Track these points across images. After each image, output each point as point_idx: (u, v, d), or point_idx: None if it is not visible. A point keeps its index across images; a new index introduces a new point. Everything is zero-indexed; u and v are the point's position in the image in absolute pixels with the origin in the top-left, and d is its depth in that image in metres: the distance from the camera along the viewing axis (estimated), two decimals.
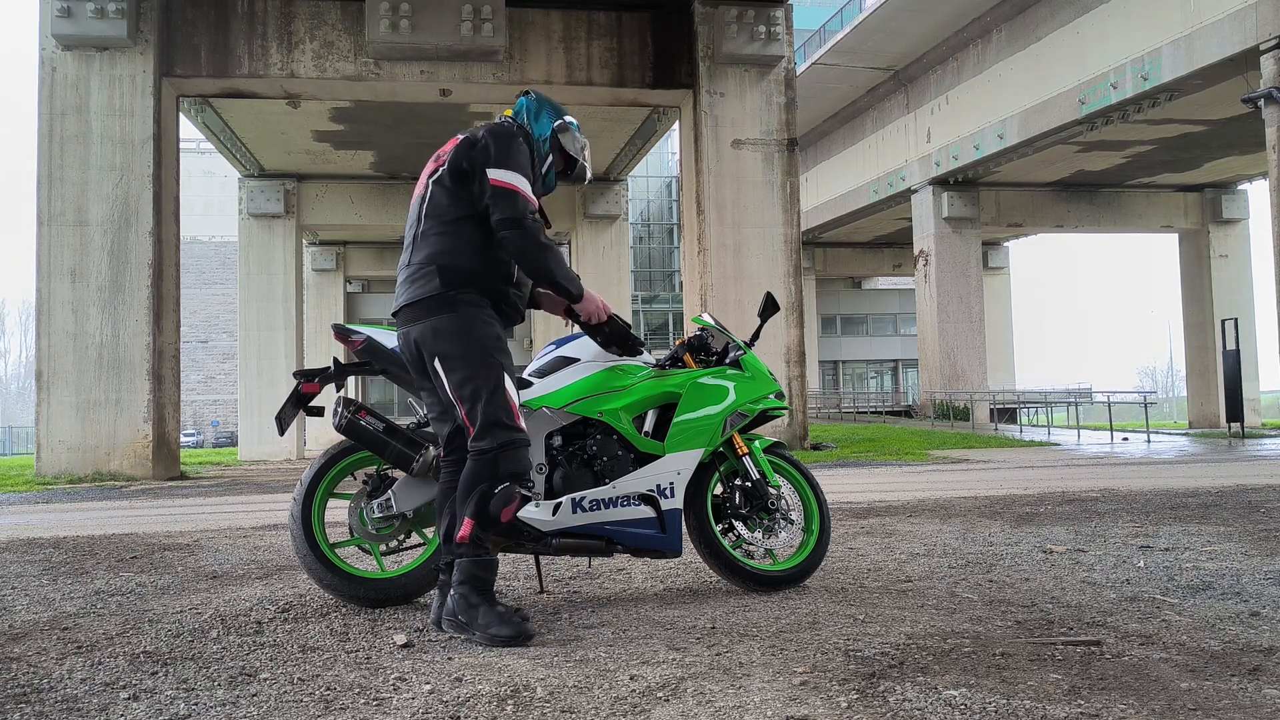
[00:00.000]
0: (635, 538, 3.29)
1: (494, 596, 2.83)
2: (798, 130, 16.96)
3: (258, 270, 25.01)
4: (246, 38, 15.55)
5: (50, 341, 14.39)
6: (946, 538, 4.87)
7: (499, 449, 2.82)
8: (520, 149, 3.01)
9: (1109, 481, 8.69)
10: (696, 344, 3.70)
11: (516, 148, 2.99)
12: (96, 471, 14.15)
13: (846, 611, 3.08)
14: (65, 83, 14.62)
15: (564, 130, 3.18)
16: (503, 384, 2.88)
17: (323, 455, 3.33)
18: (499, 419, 2.84)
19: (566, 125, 3.19)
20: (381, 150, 23.37)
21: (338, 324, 3.33)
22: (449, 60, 15.81)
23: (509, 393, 2.89)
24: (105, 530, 6.29)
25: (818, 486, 3.70)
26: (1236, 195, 29.75)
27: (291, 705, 2.17)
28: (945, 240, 26.34)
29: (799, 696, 2.13)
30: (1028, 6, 21.61)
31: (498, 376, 2.89)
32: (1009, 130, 22.39)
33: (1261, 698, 2.11)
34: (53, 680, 2.39)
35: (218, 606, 3.29)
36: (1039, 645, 2.57)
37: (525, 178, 2.96)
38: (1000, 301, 36.81)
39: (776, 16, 16.15)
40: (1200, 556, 4.13)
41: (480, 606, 2.77)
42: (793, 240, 16.36)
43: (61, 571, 4.25)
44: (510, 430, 2.85)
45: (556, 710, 2.09)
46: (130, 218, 14.61)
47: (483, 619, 2.74)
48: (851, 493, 8.08)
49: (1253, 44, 15.60)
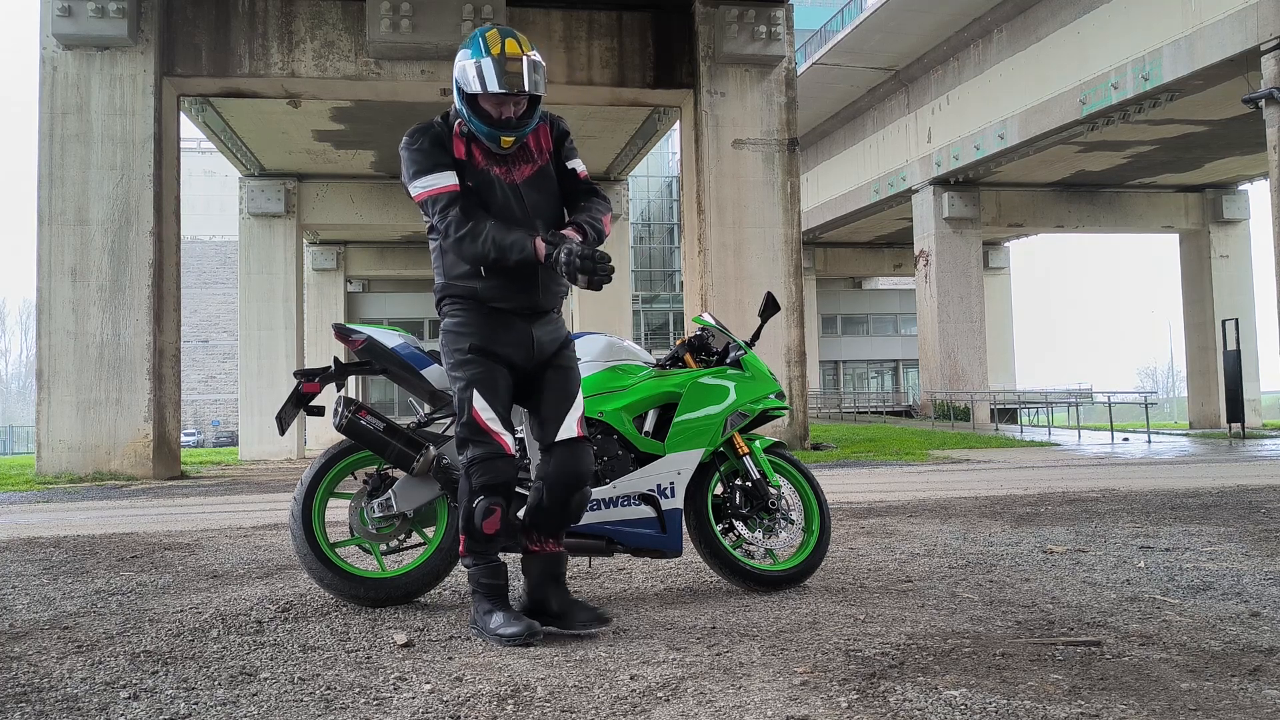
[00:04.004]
0: (636, 537, 3.29)
1: (505, 600, 2.83)
2: (798, 130, 16.96)
3: (258, 270, 25.01)
4: (247, 37, 15.55)
5: (51, 341, 14.39)
6: (947, 538, 4.87)
7: (468, 464, 2.80)
8: (409, 150, 2.84)
9: (1109, 482, 8.69)
10: (697, 344, 3.70)
11: (408, 152, 2.85)
12: (97, 471, 14.14)
13: (847, 611, 3.07)
14: (66, 82, 14.62)
15: (462, 77, 2.78)
16: (468, 396, 2.82)
17: (323, 455, 3.32)
18: (464, 434, 2.82)
19: (464, 66, 2.78)
20: (382, 150, 23.37)
21: (338, 324, 3.33)
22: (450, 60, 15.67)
23: (474, 404, 2.80)
24: (106, 530, 6.28)
25: (818, 486, 3.70)
26: (1237, 195, 29.73)
27: (292, 705, 2.17)
28: (946, 240, 26.33)
29: (799, 696, 2.13)
30: (1028, 7, 21.60)
31: (462, 388, 2.84)
32: (1010, 130, 22.38)
33: (1262, 698, 2.11)
34: (53, 679, 2.39)
35: (218, 606, 3.29)
36: (1039, 645, 2.57)
37: (425, 173, 2.80)
38: (1001, 301, 36.80)
39: (777, 16, 16.14)
40: (1201, 557, 4.13)
41: (493, 612, 2.78)
42: (793, 240, 16.36)
43: (62, 571, 4.25)
44: (478, 444, 2.80)
45: (557, 710, 2.09)
46: (131, 217, 14.60)
47: (493, 622, 2.75)
48: (852, 493, 8.08)
49: (1253, 44, 15.59)
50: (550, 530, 2.93)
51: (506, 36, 2.75)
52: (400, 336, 3.30)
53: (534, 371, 2.95)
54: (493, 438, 2.79)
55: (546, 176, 2.95)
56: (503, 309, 2.87)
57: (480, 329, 2.87)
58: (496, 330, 2.88)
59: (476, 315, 2.88)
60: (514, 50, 2.73)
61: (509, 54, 2.72)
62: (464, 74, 2.77)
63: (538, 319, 2.94)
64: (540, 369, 2.96)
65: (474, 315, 2.88)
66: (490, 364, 2.85)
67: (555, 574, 2.93)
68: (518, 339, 2.90)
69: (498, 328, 2.88)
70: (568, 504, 2.89)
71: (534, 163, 2.93)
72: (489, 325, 2.87)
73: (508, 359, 2.89)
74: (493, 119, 2.80)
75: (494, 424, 2.80)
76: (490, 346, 2.86)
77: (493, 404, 2.82)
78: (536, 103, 2.85)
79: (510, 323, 2.89)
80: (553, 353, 2.98)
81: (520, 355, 2.90)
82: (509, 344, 2.89)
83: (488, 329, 2.87)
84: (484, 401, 2.80)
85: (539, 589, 2.92)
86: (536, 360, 2.94)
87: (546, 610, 2.87)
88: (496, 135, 2.81)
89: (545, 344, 2.96)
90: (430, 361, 3.27)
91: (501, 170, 2.88)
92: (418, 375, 3.25)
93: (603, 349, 3.51)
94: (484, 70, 2.72)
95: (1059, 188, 28.97)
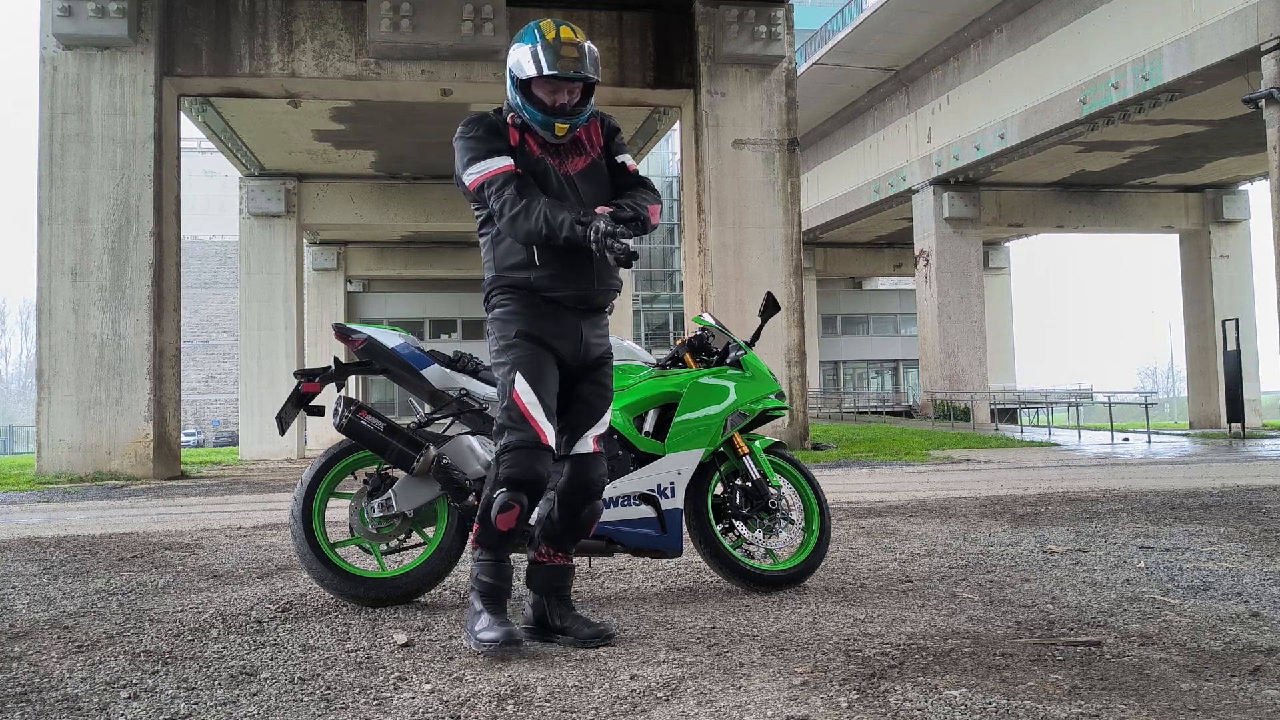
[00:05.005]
0: (636, 537, 3.29)
1: (500, 606, 2.68)
2: (798, 130, 16.97)
3: (258, 270, 25.01)
4: (247, 37, 15.55)
5: (51, 341, 14.39)
6: (947, 538, 4.87)
7: (500, 452, 2.69)
8: (464, 139, 2.83)
9: (1109, 482, 8.68)
10: (697, 344, 3.71)
11: (464, 141, 2.83)
12: (97, 471, 14.14)
13: (847, 611, 3.07)
14: (66, 82, 14.62)
15: (516, 66, 2.79)
16: (511, 379, 2.72)
17: (323, 455, 3.33)
18: (503, 420, 2.72)
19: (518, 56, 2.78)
20: (382, 150, 23.37)
21: (338, 323, 3.33)
22: (450, 60, 15.81)
23: (516, 386, 2.70)
24: (106, 529, 6.28)
25: (818, 486, 3.71)
26: (1237, 196, 29.73)
27: (292, 704, 2.17)
28: (946, 240, 26.33)
29: (799, 696, 2.13)
30: (1029, 7, 21.60)
31: (506, 372, 2.74)
32: (1010, 130, 22.38)
33: (1262, 698, 2.11)
34: (53, 679, 2.39)
35: (218, 606, 3.29)
36: (1039, 645, 2.57)
37: (480, 159, 2.77)
38: (1001, 301, 36.80)
39: (777, 16, 16.15)
40: (1201, 557, 4.13)
41: (482, 614, 2.64)
42: (793, 240, 16.36)
43: (62, 571, 4.25)
44: (514, 431, 2.68)
45: (557, 710, 2.09)
46: (131, 217, 14.60)
47: (478, 624, 2.62)
48: (852, 493, 8.08)
49: (1254, 44, 15.59)
50: (559, 543, 2.86)
51: (561, 25, 2.77)
52: (400, 336, 3.31)
53: (574, 374, 2.86)
54: (531, 425, 2.66)
55: (599, 170, 2.91)
56: (555, 299, 2.78)
57: (530, 317, 2.78)
58: (547, 320, 2.78)
59: (527, 305, 2.79)
60: (568, 36, 2.74)
61: (564, 39, 2.73)
62: (518, 61, 2.76)
63: (589, 316, 2.86)
64: (578, 377, 2.86)
65: (524, 304, 2.79)
66: (538, 350, 2.76)
67: (559, 587, 2.85)
68: (568, 332, 2.80)
69: (548, 317, 2.79)
70: (578, 516, 2.82)
71: (587, 155, 2.90)
72: (539, 314, 2.78)
73: (556, 351, 2.79)
74: (547, 106, 2.77)
75: (535, 410, 2.67)
76: (540, 334, 2.77)
77: (538, 390, 2.70)
78: (590, 91, 2.82)
79: (561, 314, 2.79)
80: (595, 360, 2.89)
81: (568, 350, 2.80)
82: (559, 335, 2.79)
83: (538, 318, 2.78)
84: (526, 385, 2.69)
85: (540, 603, 2.84)
86: (581, 361, 2.85)
87: (548, 625, 2.79)
88: (551, 122, 2.77)
89: (592, 346, 2.87)
90: (430, 362, 3.27)
91: (555, 162, 2.84)
92: (418, 375, 3.25)
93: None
94: (539, 55, 2.71)
95: (1059, 188, 28.96)
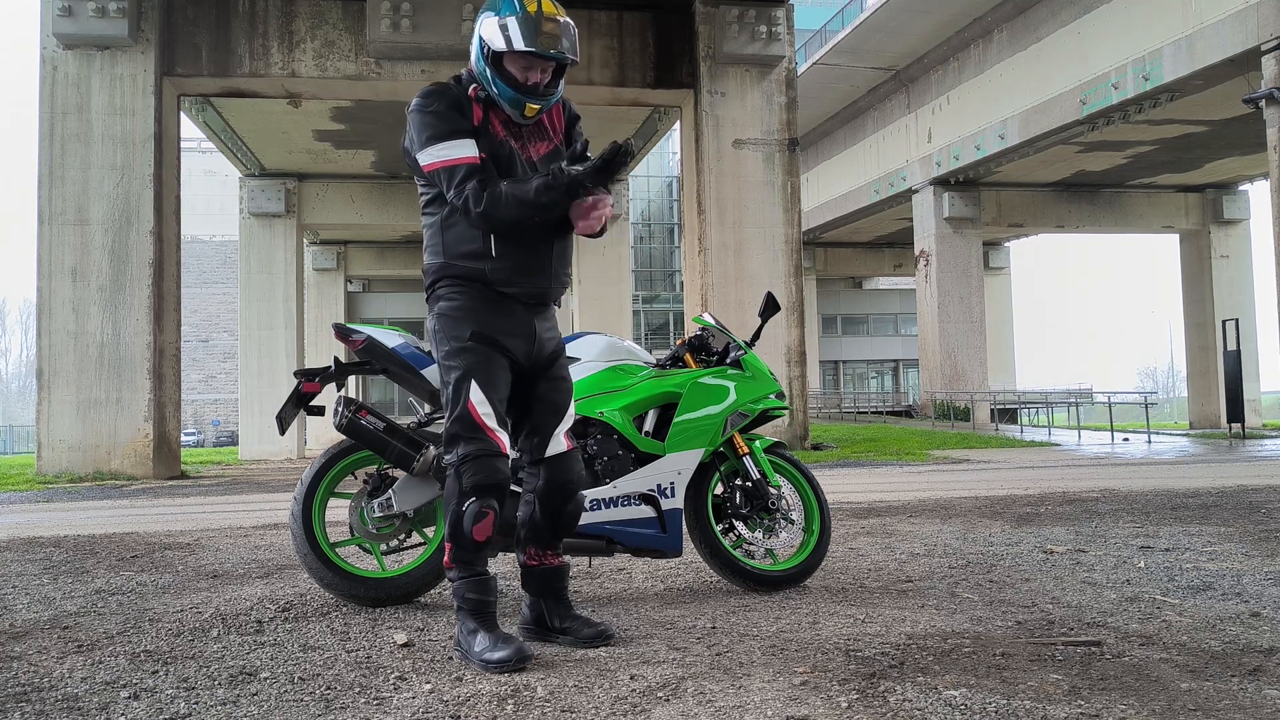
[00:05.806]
0: (636, 537, 3.29)
1: (493, 620, 2.57)
2: (798, 130, 16.96)
3: (258, 269, 25.03)
4: (248, 37, 15.55)
5: (51, 340, 14.39)
6: (947, 538, 4.87)
7: (458, 462, 2.57)
8: (423, 113, 2.60)
9: (1109, 482, 8.69)
10: (697, 344, 3.71)
11: (422, 115, 2.61)
12: (97, 471, 14.14)
13: (847, 611, 3.07)
14: (66, 82, 14.62)
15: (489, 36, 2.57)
16: (465, 386, 2.59)
17: (323, 454, 3.33)
18: (455, 430, 2.59)
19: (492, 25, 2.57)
20: (382, 150, 23.37)
21: (338, 323, 3.33)
22: (450, 60, 15.80)
23: (471, 396, 2.57)
24: (106, 529, 6.29)
25: (818, 486, 3.70)
26: (1237, 196, 29.74)
27: (292, 704, 2.17)
28: (946, 240, 26.34)
29: (799, 696, 2.13)
30: (1029, 7, 21.61)
31: (459, 378, 2.60)
32: (1010, 130, 22.39)
33: (1262, 698, 2.11)
34: (53, 679, 2.39)
35: (218, 606, 3.29)
36: (1039, 645, 2.57)
37: (441, 139, 2.57)
38: (1001, 301, 36.80)
39: (777, 16, 16.15)
40: (1201, 557, 4.13)
41: (478, 632, 2.52)
42: (793, 240, 16.36)
43: (62, 570, 4.25)
44: (470, 441, 2.57)
45: (556, 710, 2.09)
46: (131, 217, 14.60)
47: (478, 645, 2.49)
48: (852, 493, 8.08)
49: (1254, 44, 15.60)
50: (546, 542, 2.81)
51: None
52: (400, 336, 3.30)
53: (528, 374, 2.75)
54: (488, 435, 2.57)
55: (560, 157, 2.75)
56: (508, 294, 2.66)
57: (483, 314, 2.64)
58: (501, 317, 2.65)
59: (479, 300, 2.64)
60: (550, 10, 2.56)
61: (546, 14, 2.54)
62: (490, 31, 2.56)
63: (540, 311, 2.75)
64: (533, 376, 2.76)
65: (476, 300, 2.64)
66: (492, 354, 2.63)
67: (556, 589, 2.80)
68: (522, 330, 2.68)
69: (502, 314, 2.66)
70: (561, 514, 2.78)
71: (550, 141, 2.76)
72: (492, 311, 2.64)
73: (509, 351, 2.66)
74: (518, 83, 2.59)
75: (490, 420, 2.58)
76: (494, 335, 2.64)
77: (491, 398, 2.59)
78: (562, 72, 2.67)
79: (514, 310, 2.67)
80: (548, 356, 2.78)
81: (522, 350, 2.69)
82: (513, 334, 2.66)
83: (491, 315, 2.64)
84: (482, 395, 2.58)
85: (538, 605, 2.79)
86: (534, 360, 2.74)
87: (547, 627, 2.76)
88: (522, 101, 2.60)
89: (545, 342, 2.76)
90: (430, 361, 3.27)
91: (519, 145, 2.68)
92: (418, 375, 3.25)
93: (603, 349, 3.51)
94: (517, 27, 2.52)
95: (1059, 188, 28.96)
